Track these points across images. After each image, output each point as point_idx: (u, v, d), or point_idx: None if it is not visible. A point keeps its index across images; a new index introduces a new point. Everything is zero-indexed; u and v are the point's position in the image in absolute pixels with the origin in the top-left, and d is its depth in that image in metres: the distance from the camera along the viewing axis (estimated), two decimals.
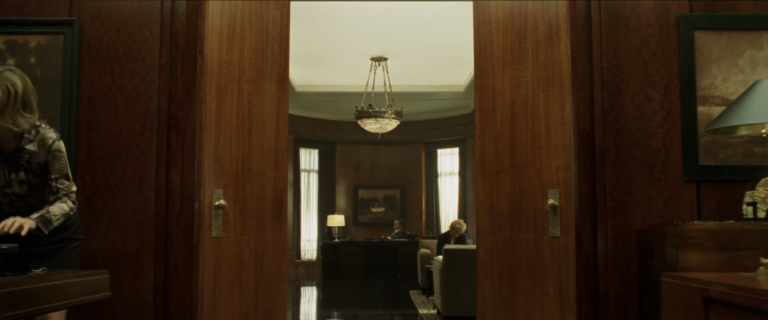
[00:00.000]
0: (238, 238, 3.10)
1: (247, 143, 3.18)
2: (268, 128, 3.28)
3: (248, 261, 3.15)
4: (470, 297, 5.63)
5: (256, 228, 3.19)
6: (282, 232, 3.33)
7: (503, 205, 3.23)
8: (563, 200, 2.98)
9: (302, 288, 11.48)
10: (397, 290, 10.50)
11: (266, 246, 3.24)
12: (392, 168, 15.13)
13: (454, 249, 5.78)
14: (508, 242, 3.21)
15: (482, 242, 3.32)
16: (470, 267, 5.73)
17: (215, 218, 2.97)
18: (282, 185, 3.33)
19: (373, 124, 9.74)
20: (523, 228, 3.15)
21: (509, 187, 3.22)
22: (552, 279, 3.01)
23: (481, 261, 3.32)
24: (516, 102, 3.22)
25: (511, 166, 3.22)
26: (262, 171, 3.24)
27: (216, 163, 3.01)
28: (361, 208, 14.96)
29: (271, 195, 3.28)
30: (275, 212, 3.29)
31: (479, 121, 3.38)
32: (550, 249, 3.02)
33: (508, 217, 3.21)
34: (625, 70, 3.35)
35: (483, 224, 3.32)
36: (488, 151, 3.32)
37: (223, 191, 3.02)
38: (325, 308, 9.00)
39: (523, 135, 3.19)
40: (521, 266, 3.15)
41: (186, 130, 3.12)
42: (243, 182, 3.14)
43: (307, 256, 14.73)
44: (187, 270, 3.00)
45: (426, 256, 9.33)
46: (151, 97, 3.35)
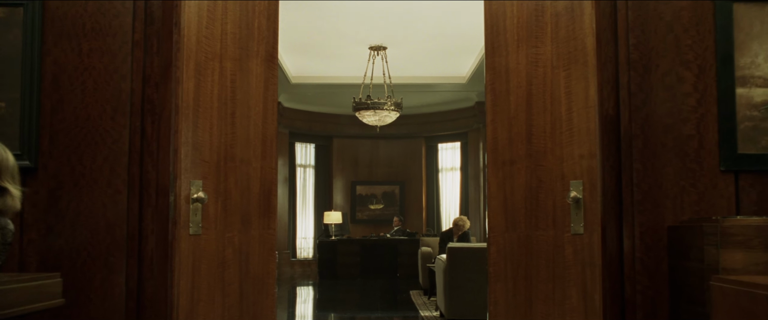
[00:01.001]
0: (219, 236, 2.79)
1: (231, 129, 2.87)
2: (254, 112, 2.98)
3: (232, 262, 2.84)
4: (476, 299, 5.33)
5: (240, 225, 2.89)
6: (270, 229, 3.02)
7: (518, 199, 2.93)
8: (588, 192, 2.67)
9: (298, 288, 11.19)
10: (397, 290, 10.21)
11: (252, 245, 2.94)
12: (391, 163, 14.84)
13: (459, 248, 5.48)
14: (523, 240, 2.91)
15: (494, 240, 3.02)
16: (476, 266, 5.43)
17: (193, 213, 2.67)
18: (270, 176, 3.03)
19: (371, 116, 9.44)
20: (542, 224, 2.85)
21: (525, 178, 2.91)
22: (575, 282, 2.71)
23: (493, 261, 3.01)
24: (532, 82, 2.92)
25: (527, 155, 2.91)
26: (248, 161, 2.93)
27: (194, 151, 2.70)
28: (359, 205, 14.67)
29: (258, 187, 2.97)
30: (263, 206, 2.99)
31: (491, 104, 3.08)
32: (573, 247, 2.72)
33: (524, 212, 2.91)
34: (655, 48, 3.04)
35: (495, 220, 3.02)
36: (501, 138, 3.01)
37: (203, 182, 2.72)
38: (322, 309, 8.70)
39: (540, 119, 2.88)
40: (539, 267, 2.84)
41: (162, 114, 2.83)
42: (225, 172, 2.84)
43: (303, 255, 14.45)
44: (161, 272, 2.70)
45: (427, 255, 9.04)
46: (124, 77, 3.03)
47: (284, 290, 10.88)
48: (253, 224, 2.94)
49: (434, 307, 7.49)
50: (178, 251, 2.60)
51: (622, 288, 2.97)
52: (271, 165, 3.03)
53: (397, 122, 13.96)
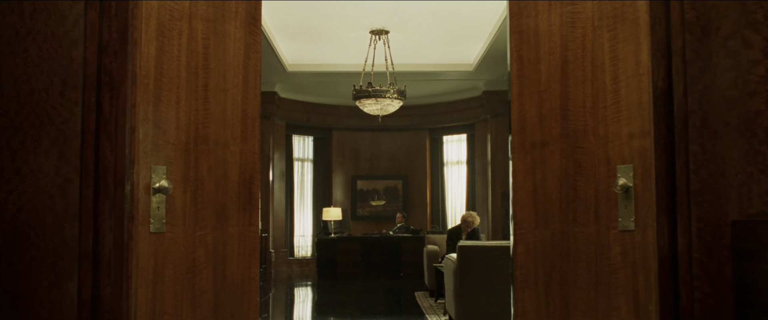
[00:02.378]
0: (189, 234, 2.34)
1: (203, 104, 2.42)
2: (232, 85, 2.52)
3: (204, 266, 2.39)
4: (490, 303, 4.89)
5: (215, 221, 2.44)
6: (252, 226, 2.57)
7: (551, 188, 2.47)
8: (639, 179, 2.22)
9: (295, 289, 10.78)
10: (401, 291, 9.77)
11: (230, 245, 2.49)
12: (394, 156, 14.43)
13: (471, 247, 5.03)
14: (558, 238, 2.46)
15: (521, 238, 2.56)
16: (490, 267, 4.98)
17: (155, 206, 2.22)
18: (252, 163, 2.57)
19: (373, 105, 8.99)
20: (581, 218, 2.39)
21: (560, 164, 2.46)
22: (623, 290, 2.26)
23: (520, 263, 2.56)
24: (569, 47, 2.46)
25: (562, 135, 2.46)
26: (225, 143, 2.48)
27: (156, 130, 2.25)
28: (359, 201, 14.26)
29: (237, 175, 2.52)
30: (243, 198, 2.54)
31: (516, 75, 2.62)
32: (621, 247, 2.27)
33: (559, 204, 2.45)
34: (715, 6, 2.55)
35: (522, 214, 2.56)
36: (529, 115, 2.56)
37: (167, 169, 2.27)
38: (320, 312, 8.27)
39: (578, 91, 2.43)
40: (578, 271, 2.39)
41: (120, 89, 2.37)
42: (196, 157, 2.39)
43: (301, 253, 14.06)
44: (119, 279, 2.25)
45: (433, 254, 8.59)
46: (75, 44, 2.56)
47: (281, 291, 10.46)
48: (231, 219, 2.49)
49: (442, 311, 7.04)
50: (136, 253, 2.16)
51: (677, 295, 2.50)
52: (252, 150, 2.58)
53: (399, 113, 13.55)
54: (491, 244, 5.08)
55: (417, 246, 11.37)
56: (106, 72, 2.52)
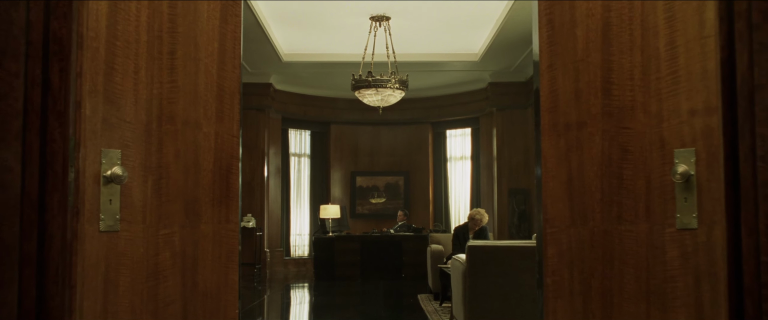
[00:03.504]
0: (150, 233, 1.96)
1: (168, 75, 2.03)
2: (205, 53, 2.14)
3: (170, 271, 2.01)
4: (503, 309, 4.50)
5: (184, 217, 2.05)
6: (230, 223, 2.19)
7: (590, 178, 2.09)
8: (703, 166, 1.84)
9: (291, 290, 10.41)
10: (402, 293, 9.39)
11: (203, 246, 2.10)
12: (395, 151, 14.07)
13: (482, 247, 4.65)
14: (599, 238, 2.07)
15: (553, 238, 2.18)
16: (503, 269, 4.60)
17: (106, 199, 1.83)
18: (230, 147, 2.19)
19: (373, 96, 8.60)
20: (628, 214, 2.01)
21: (601, 148, 2.07)
22: (683, 302, 1.87)
23: (551, 269, 2.18)
24: (612, 7, 2.07)
25: (603, 114, 2.07)
26: (196, 123, 2.10)
27: (108, 105, 1.86)
28: (359, 198, 13.90)
29: (211, 162, 2.13)
30: (218, 190, 2.15)
31: (546, 43, 2.23)
32: (680, 249, 1.88)
33: (600, 197, 2.06)
34: None
35: (555, 209, 2.18)
36: (563, 90, 2.17)
37: (122, 153, 1.88)
38: (317, 316, 7.90)
39: (624, 60, 2.04)
40: (624, 278, 2.01)
41: (70, 58, 1.97)
42: (160, 140, 2.00)
43: (298, 253, 13.70)
44: (61, 289, 1.87)
45: (438, 254, 8.20)
46: (15, 4, 2.16)
47: (276, 292, 10.09)
48: (204, 215, 2.10)
49: (448, 315, 6.67)
50: (81, 256, 1.77)
51: (741, 307, 2.11)
52: (231, 132, 2.20)
53: (401, 106, 13.16)
54: (504, 244, 4.69)
55: (419, 246, 10.99)
56: (56, 39, 2.11)
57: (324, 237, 11.42)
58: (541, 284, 2.27)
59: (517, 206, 11.78)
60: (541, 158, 2.25)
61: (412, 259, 11.04)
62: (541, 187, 2.26)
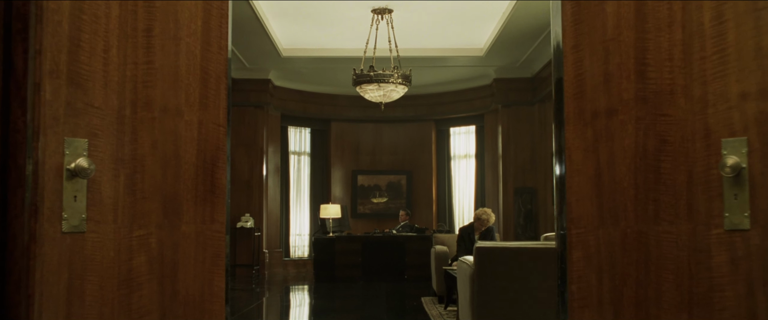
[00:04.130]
0: (122, 234, 1.74)
1: (144, 55, 1.81)
2: (187, 32, 1.92)
3: (146, 278, 1.79)
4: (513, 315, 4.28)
5: (162, 216, 1.83)
6: (216, 223, 1.96)
7: (622, 172, 1.87)
8: (757, 158, 1.62)
9: (291, 292, 10.19)
10: (405, 296, 9.17)
11: (184, 249, 1.88)
12: (397, 150, 13.86)
13: (491, 248, 4.42)
14: (632, 240, 1.85)
15: (579, 240, 1.96)
16: (513, 272, 4.37)
17: (70, 195, 1.61)
18: (215, 138, 1.97)
19: (375, 91, 8.38)
20: (666, 213, 1.79)
21: (635, 138, 1.85)
22: (732, 313, 1.65)
23: (577, 274, 1.95)
24: None
25: (637, 99, 1.85)
26: (176, 111, 1.87)
27: (72, 88, 1.64)
28: (360, 197, 13.69)
29: (194, 155, 1.91)
30: (202, 186, 1.93)
31: (570, 21, 2.01)
32: (728, 253, 1.66)
33: (634, 194, 1.84)
34: None
35: (581, 207, 1.96)
36: (591, 74, 1.95)
37: (90, 143, 1.66)
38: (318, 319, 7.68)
39: (662, 38, 1.82)
40: (662, 286, 1.78)
41: None
42: (134, 128, 1.78)
43: (298, 254, 13.49)
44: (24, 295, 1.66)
45: (443, 255, 7.98)
46: None
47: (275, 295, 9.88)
48: (186, 215, 1.88)
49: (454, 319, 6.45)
50: (40, 261, 1.56)
51: None
52: (216, 120, 1.97)
53: (403, 103, 12.95)
54: (514, 246, 4.47)
55: (422, 247, 10.77)
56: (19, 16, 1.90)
57: (324, 238, 11.20)
58: (563, 291, 2.05)
59: (523, 205, 11.55)
60: (564, 151, 2.03)
61: (415, 260, 10.81)
62: (562, 184, 2.04)
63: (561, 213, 2.06)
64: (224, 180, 1.99)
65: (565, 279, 2.04)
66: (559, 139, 2.07)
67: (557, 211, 2.22)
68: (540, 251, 4.36)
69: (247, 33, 9.69)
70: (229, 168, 2.05)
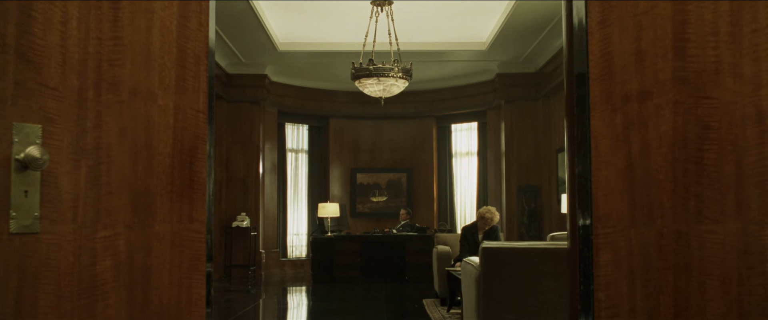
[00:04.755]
0: (84, 235, 1.52)
1: (110, 30, 1.59)
2: (161, 5, 1.70)
3: (113, 285, 1.57)
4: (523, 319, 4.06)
5: (131, 215, 1.61)
6: (195, 222, 1.75)
7: (658, 163, 1.65)
8: None
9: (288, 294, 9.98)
10: (406, 297, 8.96)
11: (157, 251, 1.66)
12: (397, 147, 13.64)
13: (498, 249, 4.21)
14: (670, 241, 1.63)
15: (607, 241, 1.74)
16: (522, 274, 4.16)
17: (19, 189, 1.39)
18: (194, 126, 1.75)
19: (374, 86, 8.15)
20: (710, 210, 1.57)
21: (673, 125, 1.63)
22: None
23: (605, 281, 1.74)
24: None
25: (675, 80, 1.63)
26: (149, 94, 1.65)
27: (21, 65, 1.42)
28: (359, 196, 13.48)
29: (169, 144, 1.69)
30: (179, 180, 1.71)
31: None
32: None
33: (672, 188, 1.63)
34: None
35: (609, 204, 1.74)
36: (620, 52, 1.73)
37: (44, 129, 1.45)
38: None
39: (705, 10, 1.60)
40: (706, 293, 1.57)
41: None
42: (99, 113, 1.56)
43: (295, 254, 13.28)
44: None
45: (445, 255, 7.77)
46: None
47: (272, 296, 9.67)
48: (159, 213, 1.66)
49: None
50: None
51: None
52: (195, 106, 1.75)
53: (404, 99, 12.73)
54: (523, 246, 4.25)
55: (424, 246, 10.56)
56: None
57: (322, 238, 10.98)
58: (587, 298, 1.83)
59: (527, 204, 11.34)
60: (587, 140, 1.81)
61: (415, 261, 10.60)
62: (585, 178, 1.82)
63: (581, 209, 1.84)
64: (204, 173, 1.78)
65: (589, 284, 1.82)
66: (579, 127, 1.85)
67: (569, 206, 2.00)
68: (550, 252, 4.14)
69: (242, 26, 9.47)
70: (212, 161, 1.83)
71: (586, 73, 1.81)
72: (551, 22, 9.29)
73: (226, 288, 10.20)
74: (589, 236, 1.81)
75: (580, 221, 1.86)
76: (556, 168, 10.59)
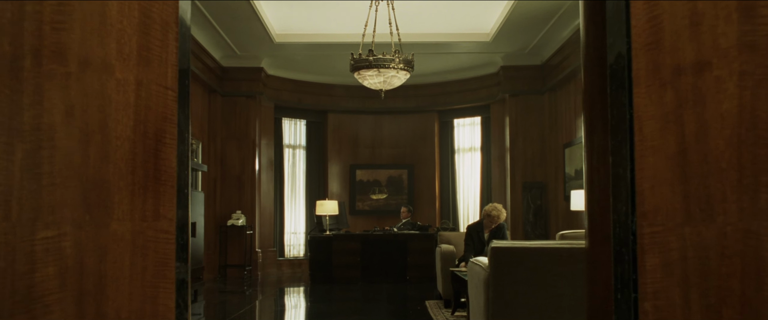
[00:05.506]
0: (19, 236, 1.26)
1: None
2: None
3: (57, 297, 1.31)
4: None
5: (81, 210, 1.35)
6: (162, 220, 1.48)
7: (719, 148, 1.38)
8: None
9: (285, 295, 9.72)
10: (408, 298, 8.70)
11: (114, 255, 1.40)
12: (398, 143, 13.39)
13: (509, 249, 3.94)
14: (735, 242, 1.37)
15: (655, 242, 1.48)
16: (537, 276, 3.89)
17: None
18: (161, 105, 1.48)
19: (374, 77, 7.88)
20: None
21: (738, 101, 1.37)
22: None
23: (652, 288, 1.48)
24: None
25: (741, 47, 1.37)
26: (104, 65, 1.39)
27: None
28: (359, 193, 13.23)
29: (129, 126, 1.43)
30: (142, 170, 1.45)
31: None
32: None
33: (737, 178, 1.36)
34: None
35: (657, 197, 1.48)
36: (670, 16, 1.46)
37: None
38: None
39: None
40: None
41: None
42: (39, 87, 1.30)
43: (293, 253, 13.04)
44: None
45: (449, 255, 7.51)
46: None
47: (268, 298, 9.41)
48: (117, 208, 1.40)
49: None
50: None
51: None
52: (162, 81, 1.49)
53: (405, 93, 12.49)
54: (537, 245, 3.99)
55: (426, 245, 10.30)
56: None
57: (321, 236, 10.73)
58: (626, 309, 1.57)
59: (533, 201, 11.08)
60: (628, 122, 1.54)
61: (417, 260, 10.34)
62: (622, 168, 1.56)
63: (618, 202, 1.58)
64: (173, 161, 1.51)
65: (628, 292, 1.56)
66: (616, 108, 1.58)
67: (587, 201, 1.74)
68: (565, 252, 3.88)
69: (236, 17, 9.20)
70: (187, 148, 1.56)
71: (626, 43, 1.54)
72: (558, 11, 9.02)
73: (220, 288, 9.95)
74: (629, 235, 1.55)
75: (615, 217, 1.60)
76: (563, 163, 10.33)
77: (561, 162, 10.49)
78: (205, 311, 7.95)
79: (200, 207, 9.21)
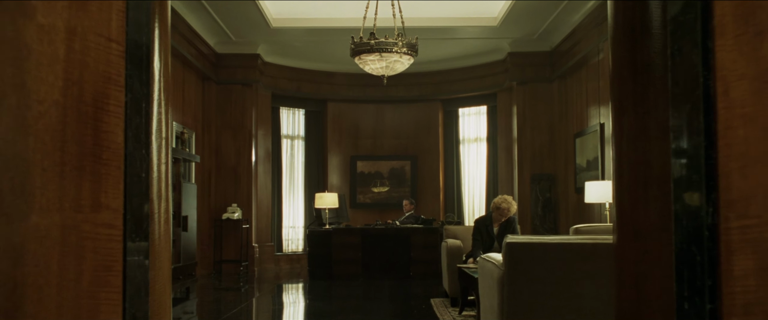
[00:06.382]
0: None
1: None
2: None
3: None
4: None
5: None
6: (104, 210, 1.16)
7: None
8: None
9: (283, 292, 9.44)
10: (411, 296, 8.40)
11: (38, 257, 1.07)
12: (400, 133, 13.13)
13: (526, 244, 3.62)
14: None
15: (745, 239, 1.15)
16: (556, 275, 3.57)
17: None
18: (103, 61, 1.16)
19: (376, 63, 7.56)
20: None
21: None
22: None
23: (742, 299, 1.15)
24: None
25: None
26: (19, 6, 1.05)
27: None
28: (360, 185, 12.98)
29: (58, 88, 1.10)
30: (77, 146, 1.12)
31: None
32: None
33: None
34: None
35: (750, 180, 1.15)
36: None
37: None
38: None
39: None
40: None
41: None
42: None
43: (291, 248, 12.78)
44: None
45: (456, 250, 7.19)
46: None
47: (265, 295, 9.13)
48: (40, 195, 1.08)
49: None
50: None
51: None
52: (103, 31, 1.16)
53: (407, 81, 12.19)
54: (557, 240, 3.66)
55: (429, 240, 10.01)
56: None
57: (320, 230, 10.45)
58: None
59: (542, 194, 10.77)
60: (706, 83, 1.21)
61: (421, 255, 10.05)
62: (696, 144, 1.23)
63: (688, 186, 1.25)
64: (120, 135, 1.18)
65: (701, 302, 1.24)
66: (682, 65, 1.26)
67: (616, 189, 1.41)
68: (588, 247, 3.56)
69: (231, 1, 8.87)
70: (146, 121, 1.24)
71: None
72: None
73: (215, 285, 9.67)
74: (704, 230, 1.22)
75: (678, 207, 1.27)
76: (574, 154, 10.01)
77: (571, 153, 10.17)
78: (198, 309, 7.67)
79: (192, 200, 8.90)
